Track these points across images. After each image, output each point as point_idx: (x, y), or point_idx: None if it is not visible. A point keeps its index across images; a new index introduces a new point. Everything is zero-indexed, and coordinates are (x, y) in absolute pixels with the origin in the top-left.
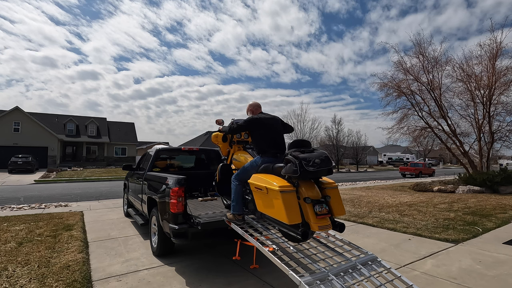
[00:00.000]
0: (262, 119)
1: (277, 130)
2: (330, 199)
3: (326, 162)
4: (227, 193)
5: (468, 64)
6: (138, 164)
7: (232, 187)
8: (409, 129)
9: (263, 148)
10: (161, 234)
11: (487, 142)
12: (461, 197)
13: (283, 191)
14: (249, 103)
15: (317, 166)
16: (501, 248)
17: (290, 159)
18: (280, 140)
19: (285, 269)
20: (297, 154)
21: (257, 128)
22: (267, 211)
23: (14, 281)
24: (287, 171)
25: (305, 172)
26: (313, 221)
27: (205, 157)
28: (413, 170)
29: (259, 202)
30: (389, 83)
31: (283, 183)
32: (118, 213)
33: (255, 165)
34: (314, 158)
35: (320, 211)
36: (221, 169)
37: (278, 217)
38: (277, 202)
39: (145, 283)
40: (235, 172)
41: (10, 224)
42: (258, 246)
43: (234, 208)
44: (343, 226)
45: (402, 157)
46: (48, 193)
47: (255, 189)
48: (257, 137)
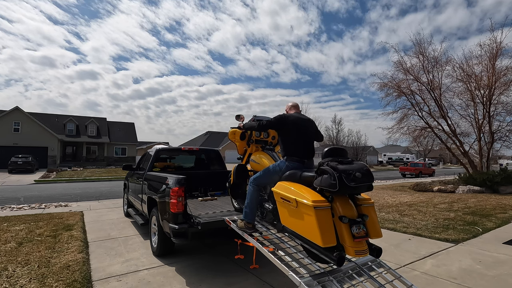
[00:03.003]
0: (295, 119)
1: (309, 134)
2: (368, 219)
3: (368, 176)
4: (241, 197)
5: (468, 64)
6: (138, 164)
7: (248, 191)
8: (409, 129)
9: (290, 151)
10: (161, 234)
11: (487, 142)
12: (461, 197)
13: (318, 207)
14: (288, 104)
15: (358, 181)
16: (501, 248)
17: (327, 170)
18: (310, 146)
19: (285, 269)
20: (335, 165)
21: (288, 128)
22: (295, 228)
23: (14, 281)
24: (322, 183)
25: (345, 187)
26: (349, 244)
27: (205, 157)
28: (413, 170)
29: (284, 215)
30: (389, 83)
31: (316, 197)
32: (118, 213)
33: (278, 170)
34: (355, 171)
35: (357, 233)
36: (236, 170)
37: (309, 236)
38: (309, 219)
39: (145, 283)
40: (253, 175)
41: (10, 224)
42: (258, 246)
43: (246, 215)
44: (380, 251)
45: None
46: (48, 193)
47: (281, 200)
48: (286, 138)
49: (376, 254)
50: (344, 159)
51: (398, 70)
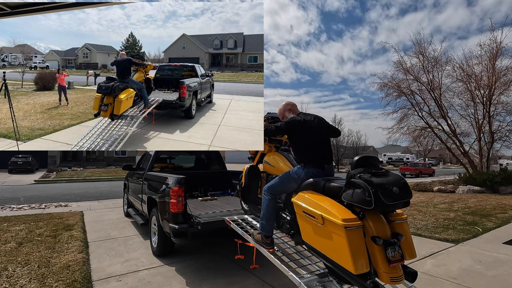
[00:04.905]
0: (306, 122)
1: (323, 134)
2: (403, 239)
3: (406, 191)
4: (253, 201)
5: (468, 64)
6: (138, 164)
7: (263, 201)
8: (409, 129)
9: (306, 158)
10: (161, 234)
11: (487, 142)
12: (461, 197)
13: (349, 227)
14: (284, 103)
15: (395, 197)
16: (501, 248)
17: (360, 184)
18: (327, 147)
19: (285, 270)
20: (368, 177)
21: (300, 133)
22: (320, 247)
23: (14, 281)
24: (354, 199)
25: (381, 204)
26: (384, 269)
27: (205, 157)
28: (413, 170)
29: (307, 231)
30: (389, 83)
31: (347, 215)
32: (118, 213)
33: (297, 177)
34: (391, 185)
35: (393, 257)
36: (248, 172)
37: (338, 259)
38: (338, 240)
39: (145, 283)
40: (268, 183)
41: (10, 224)
42: (258, 246)
43: (263, 228)
44: (416, 275)
45: (402, 157)
46: (48, 193)
47: (303, 214)
48: (298, 143)
49: (411, 279)
50: (378, 170)
51: (398, 70)
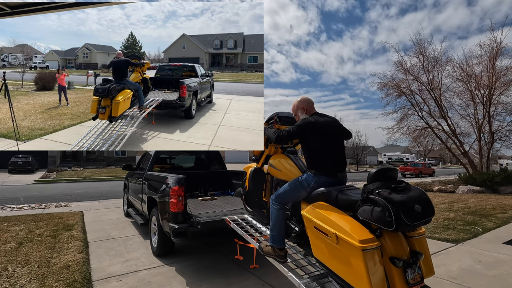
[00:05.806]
0: (319, 124)
1: (338, 138)
2: (423, 258)
3: (429, 209)
4: (258, 206)
5: (468, 64)
6: (138, 164)
7: (272, 211)
8: (409, 129)
9: (317, 164)
10: (161, 233)
11: (487, 142)
12: (461, 197)
13: (367, 250)
14: (299, 99)
15: (418, 217)
16: (501, 248)
17: (378, 202)
18: (341, 152)
19: (285, 270)
20: (388, 194)
21: (310, 135)
22: (333, 266)
23: (14, 281)
24: (373, 218)
25: (403, 225)
26: None
27: (205, 157)
28: (413, 170)
29: (319, 248)
30: (389, 83)
31: (364, 235)
32: (118, 213)
33: (306, 185)
34: (413, 202)
35: (413, 279)
36: (253, 175)
37: (353, 282)
38: (354, 262)
39: (145, 283)
40: (275, 192)
41: (10, 224)
42: (258, 247)
43: (274, 240)
44: None
45: (402, 157)
46: (48, 193)
47: (314, 230)
48: (309, 146)
49: None
50: (397, 185)
51: (398, 70)
